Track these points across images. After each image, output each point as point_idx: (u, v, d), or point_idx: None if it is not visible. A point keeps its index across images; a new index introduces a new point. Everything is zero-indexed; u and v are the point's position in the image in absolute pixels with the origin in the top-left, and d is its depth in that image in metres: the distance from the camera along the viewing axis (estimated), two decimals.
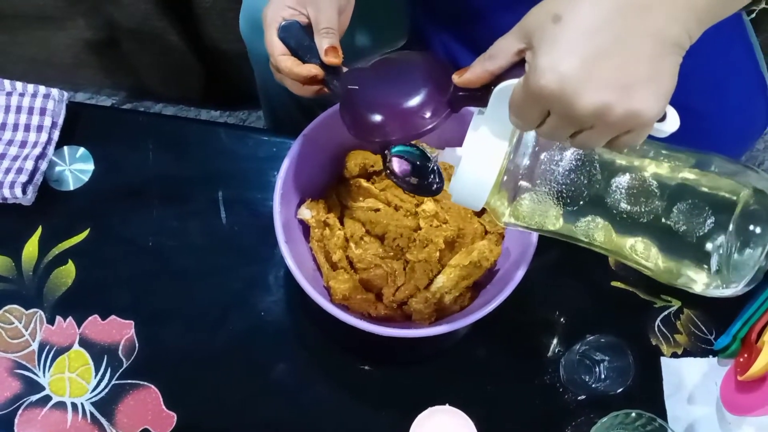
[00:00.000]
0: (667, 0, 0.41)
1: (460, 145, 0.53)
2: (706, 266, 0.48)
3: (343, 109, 0.60)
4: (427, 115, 0.53)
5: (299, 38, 0.60)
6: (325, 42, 0.59)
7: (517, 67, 0.46)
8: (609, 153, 0.51)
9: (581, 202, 0.51)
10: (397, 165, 0.59)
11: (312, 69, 0.59)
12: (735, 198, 0.47)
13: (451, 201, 0.55)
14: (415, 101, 0.54)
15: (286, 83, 0.63)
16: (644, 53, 0.41)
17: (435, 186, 0.60)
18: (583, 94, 0.40)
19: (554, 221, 0.53)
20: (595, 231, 0.52)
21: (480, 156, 0.51)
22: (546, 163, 0.51)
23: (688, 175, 0.50)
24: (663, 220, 0.49)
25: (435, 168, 0.59)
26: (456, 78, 0.51)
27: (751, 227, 0.47)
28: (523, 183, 0.52)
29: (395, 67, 0.58)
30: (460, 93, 0.52)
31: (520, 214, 0.54)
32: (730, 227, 0.47)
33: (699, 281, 0.49)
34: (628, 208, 0.50)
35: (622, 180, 0.50)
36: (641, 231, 0.50)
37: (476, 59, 0.49)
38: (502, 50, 0.46)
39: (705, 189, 0.49)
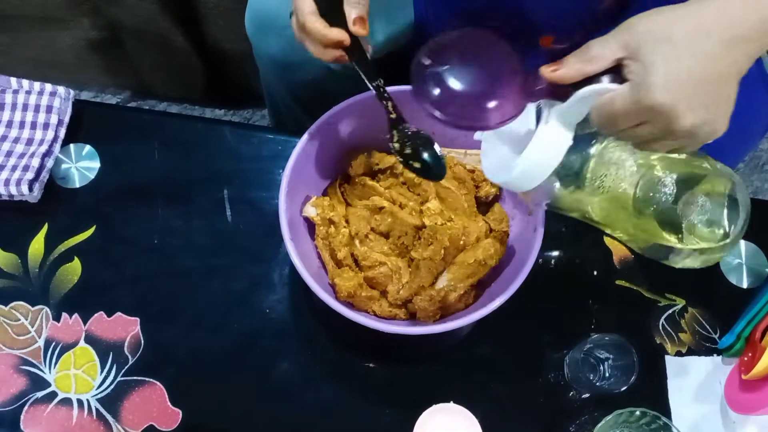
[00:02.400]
0: (756, 38, 0.46)
1: (466, 144, 0.54)
2: (677, 236, 0.54)
3: (421, 83, 0.55)
4: (511, 106, 0.54)
5: (328, 3, 0.60)
6: (353, 12, 0.59)
7: (605, 72, 0.49)
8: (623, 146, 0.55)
9: (609, 191, 0.55)
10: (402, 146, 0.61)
11: (340, 34, 0.59)
12: (720, 184, 0.53)
13: (494, 181, 0.56)
14: (501, 94, 0.54)
15: (306, 44, 0.62)
16: (732, 83, 0.46)
17: (438, 170, 0.61)
18: (687, 114, 0.45)
19: (583, 207, 0.57)
20: (615, 217, 0.56)
21: (547, 147, 0.53)
22: (596, 157, 0.55)
23: (691, 163, 0.54)
24: (668, 201, 0.53)
25: (439, 153, 0.60)
26: (548, 72, 0.51)
27: (726, 210, 0.53)
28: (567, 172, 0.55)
29: (476, 47, 0.57)
30: (541, 87, 0.52)
31: (557, 197, 0.57)
32: (705, 205, 0.53)
33: (671, 245, 0.55)
34: (650, 194, 0.54)
35: (632, 166, 0.54)
36: (647, 212, 0.54)
37: (570, 57, 0.50)
38: (603, 56, 0.48)
39: (700, 174, 0.54)
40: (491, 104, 0.54)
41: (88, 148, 0.82)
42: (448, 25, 0.83)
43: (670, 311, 0.79)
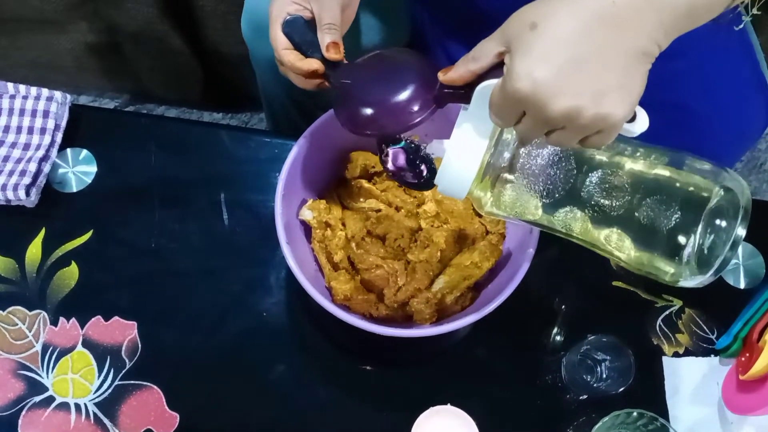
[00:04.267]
0: (637, 16, 0.43)
1: (447, 137, 0.55)
2: (676, 257, 0.51)
3: (337, 102, 0.61)
4: (415, 109, 0.56)
5: (303, 33, 0.62)
6: (327, 37, 0.60)
7: (497, 68, 0.49)
8: (586, 149, 0.54)
9: (558, 195, 0.54)
10: (393, 159, 0.61)
11: (313, 63, 0.61)
12: (706, 195, 0.51)
13: (437, 191, 0.57)
14: (403, 97, 0.56)
15: (289, 76, 0.64)
16: (616, 63, 0.43)
17: (429, 181, 0.61)
18: (555, 99, 0.43)
19: (533, 211, 0.56)
20: (572, 222, 0.55)
21: (463, 150, 0.53)
22: (525, 157, 0.54)
23: (662, 171, 0.53)
24: (636, 213, 0.52)
25: (430, 164, 0.60)
26: (441, 76, 0.53)
27: (719, 222, 0.50)
28: (503, 175, 0.55)
29: (386, 63, 0.60)
30: (445, 90, 0.54)
31: (501, 203, 0.57)
32: (701, 222, 0.50)
33: (669, 271, 0.52)
34: (604, 201, 0.53)
35: (598, 174, 0.53)
36: (616, 223, 0.53)
37: (460, 59, 0.51)
38: (484, 52, 0.49)
39: (678, 185, 0.52)
40: (393, 110, 0.56)
41: (85, 152, 0.82)
42: (442, 27, 0.84)
43: (667, 312, 0.79)
